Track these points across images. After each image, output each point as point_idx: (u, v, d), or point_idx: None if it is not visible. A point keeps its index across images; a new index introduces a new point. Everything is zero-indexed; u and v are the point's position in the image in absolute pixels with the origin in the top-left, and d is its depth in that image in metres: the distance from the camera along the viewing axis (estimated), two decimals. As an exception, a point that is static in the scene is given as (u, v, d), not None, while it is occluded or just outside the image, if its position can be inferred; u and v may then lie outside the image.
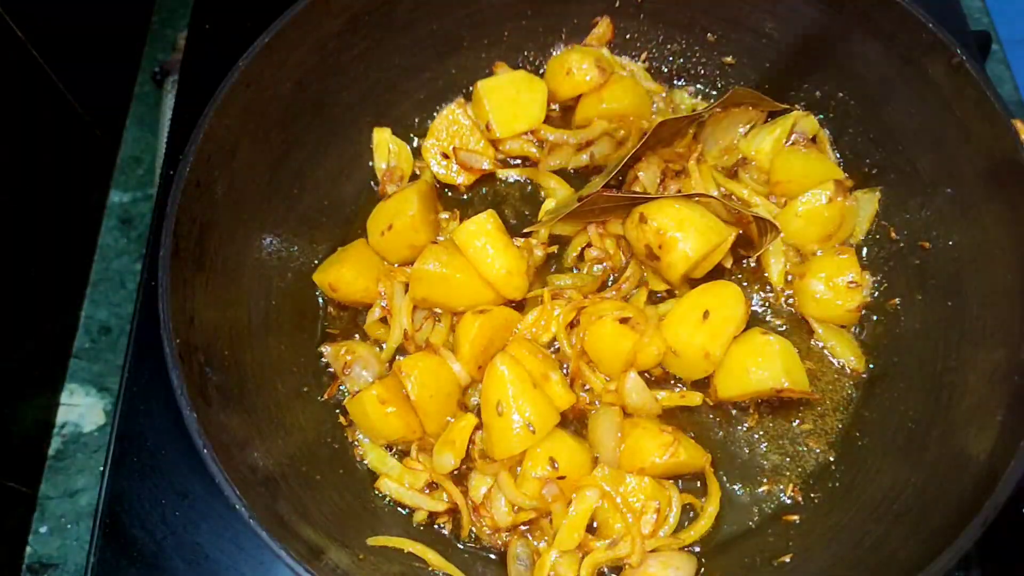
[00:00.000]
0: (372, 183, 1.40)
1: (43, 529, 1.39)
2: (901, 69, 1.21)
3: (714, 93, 1.45)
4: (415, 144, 1.41)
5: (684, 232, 1.15)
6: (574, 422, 1.21)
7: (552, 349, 1.25)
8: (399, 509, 1.18)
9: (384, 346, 1.26)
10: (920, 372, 1.18)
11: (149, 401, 1.26)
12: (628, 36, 1.45)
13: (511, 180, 1.40)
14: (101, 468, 1.31)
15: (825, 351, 1.25)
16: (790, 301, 1.28)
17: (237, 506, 0.95)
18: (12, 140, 1.41)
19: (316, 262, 1.31)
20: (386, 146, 1.38)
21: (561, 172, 1.39)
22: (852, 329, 1.27)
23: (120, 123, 1.72)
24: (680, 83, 1.47)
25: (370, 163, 1.39)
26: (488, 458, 1.14)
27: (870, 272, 1.28)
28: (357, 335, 1.29)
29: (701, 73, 1.45)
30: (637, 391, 1.16)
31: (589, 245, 1.30)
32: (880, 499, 1.09)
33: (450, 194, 1.40)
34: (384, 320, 1.27)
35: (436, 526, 1.18)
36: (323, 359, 1.26)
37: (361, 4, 1.24)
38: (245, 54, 1.14)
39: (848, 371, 1.24)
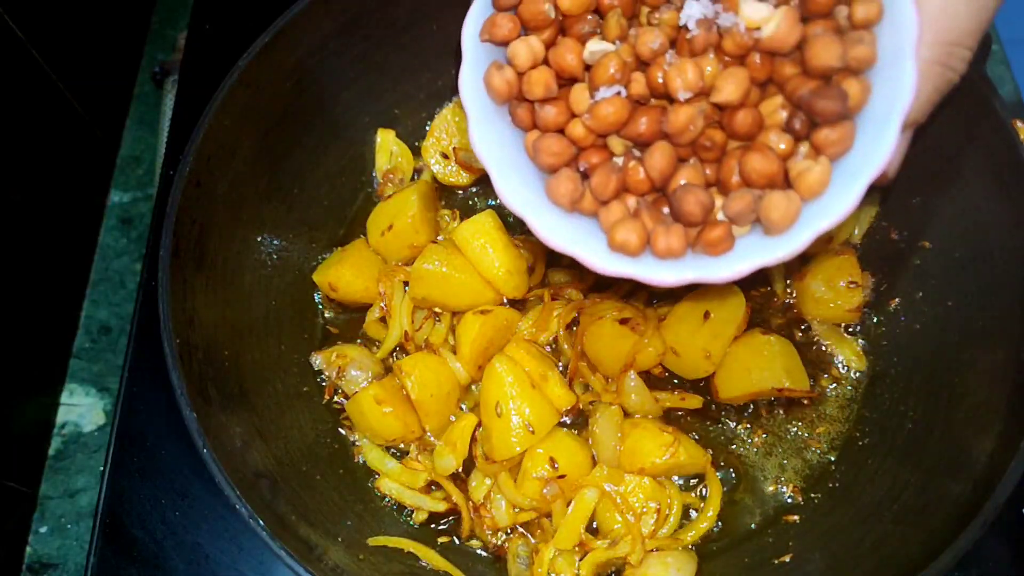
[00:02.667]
0: (372, 183, 1.40)
1: (43, 529, 1.39)
2: (901, 69, 1.21)
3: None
4: (415, 144, 1.41)
5: (684, 232, 1.15)
6: (574, 422, 1.21)
7: (552, 349, 1.25)
8: (399, 509, 1.19)
9: (379, 345, 1.26)
10: (920, 372, 1.18)
11: (149, 401, 1.26)
12: (628, 36, 1.45)
13: (511, 180, 1.40)
14: (101, 468, 1.31)
15: (825, 351, 1.25)
16: (790, 301, 1.29)
17: (237, 506, 0.95)
18: (12, 140, 1.41)
19: (316, 262, 1.31)
20: (388, 148, 1.38)
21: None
22: (852, 329, 1.27)
23: (120, 123, 1.72)
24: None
25: (371, 163, 1.39)
26: (489, 458, 1.14)
27: (870, 272, 1.28)
28: (357, 335, 1.30)
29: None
30: (637, 392, 1.16)
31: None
32: (880, 499, 1.09)
33: (450, 194, 1.40)
34: (384, 320, 1.27)
35: (436, 526, 1.18)
36: (315, 366, 1.26)
37: (361, 4, 1.24)
38: (245, 54, 1.14)
39: (848, 371, 1.24)
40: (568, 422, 1.21)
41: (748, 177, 0.77)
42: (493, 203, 1.38)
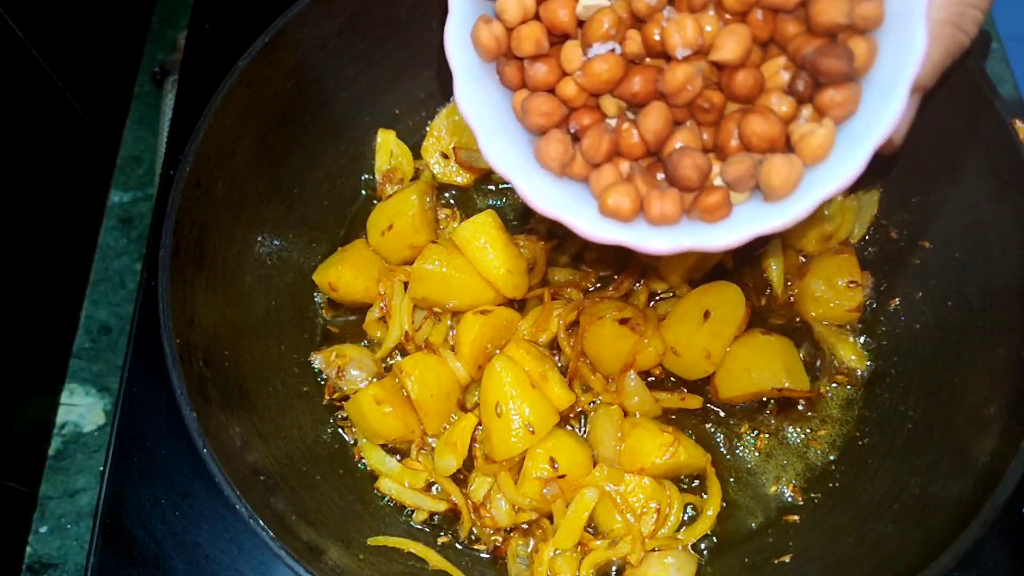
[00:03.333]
0: (372, 183, 1.40)
1: (43, 529, 1.39)
2: (901, 69, 1.21)
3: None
4: (415, 144, 1.41)
5: (684, 232, 1.15)
6: (574, 422, 1.21)
7: (552, 349, 1.25)
8: (399, 509, 1.19)
9: (379, 345, 1.26)
10: (920, 372, 1.18)
11: (149, 401, 1.26)
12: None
13: (511, 180, 1.40)
14: (101, 468, 1.31)
15: (825, 351, 1.25)
16: (790, 301, 1.28)
17: (237, 506, 0.95)
18: (12, 140, 1.41)
19: (316, 262, 1.31)
20: (388, 148, 1.38)
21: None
22: (852, 329, 1.27)
23: (120, 123, 1.72)
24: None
25: (371, 163, 1.39)
26: (489, 458, 1.14)
27: (870, 272, 1.28)
28: (357, 335, 1.30)
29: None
30: (637, 392, 1.16)
31: (588, 247, 1.30)
32: (880, 499, 1.09)
33: (450, 194, 1.40)
34: (384, 320, 1.27)
35: (436, 526, 1.18)
36: (315, 366, 1.26)
37: (361, 3, 1.24)
38: (245, 54, 1.14)
39: (848, 371, 1.24)
40: (568, 422, 1.21)
41: (748, 141, 0.73)
42: (493, 203, 1.38)
